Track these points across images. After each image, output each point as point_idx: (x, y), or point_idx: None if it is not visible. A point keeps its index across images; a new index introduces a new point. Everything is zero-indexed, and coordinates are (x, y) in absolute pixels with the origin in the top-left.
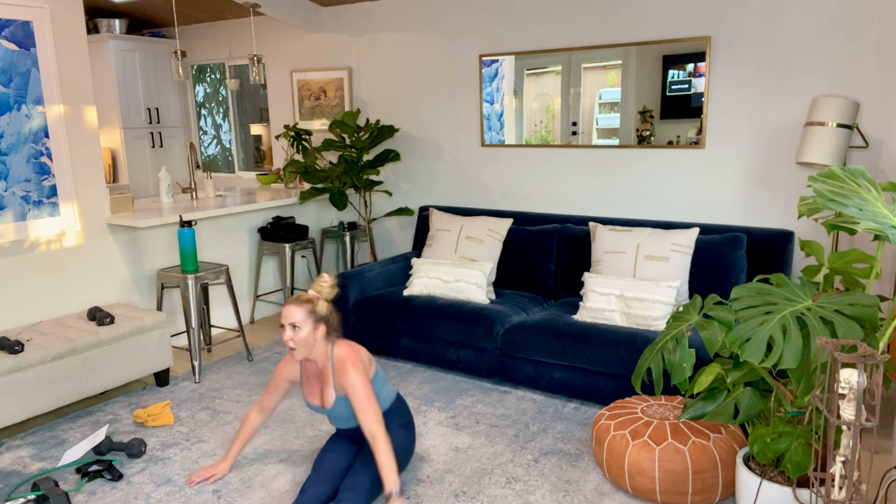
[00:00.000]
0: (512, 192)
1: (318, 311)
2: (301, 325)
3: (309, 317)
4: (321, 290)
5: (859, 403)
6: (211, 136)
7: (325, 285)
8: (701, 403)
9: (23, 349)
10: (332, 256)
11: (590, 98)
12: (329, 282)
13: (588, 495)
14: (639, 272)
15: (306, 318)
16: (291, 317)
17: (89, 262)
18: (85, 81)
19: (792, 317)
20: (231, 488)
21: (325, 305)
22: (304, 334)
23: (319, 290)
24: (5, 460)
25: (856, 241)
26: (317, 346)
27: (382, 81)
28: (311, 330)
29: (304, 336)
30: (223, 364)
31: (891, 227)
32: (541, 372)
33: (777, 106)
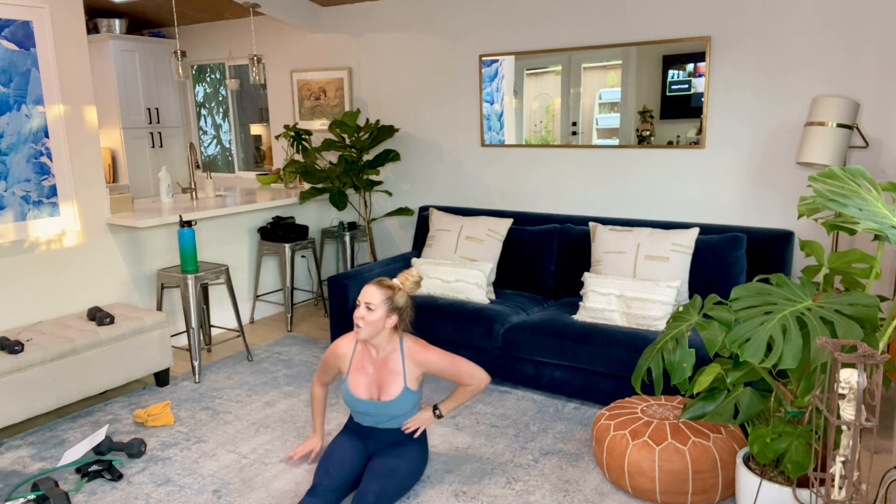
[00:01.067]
0: (512, 192)
1: (395, 300)
2: (376, 307)
3: (385, 302)
4: (405, 282)
5: (859, 403)
6: (211, 136)
7: (411, 279)
8: (701, 403)
9: (23, 349)
10: (332, 256)
11: (590, 98)
12: (415, 277)
13: (588, 495)
14: (639, 272)
15: (383, 303)
16: (369, 296)
17: (89, 262)
18: (85, 81)
19: (792, 317)
20: (231, 488)
21: (404, 298)
22: (376, 317)
23: (403, 281)
24: (5, 460)
25: (856, 241)
26: (383, 333)
27: (382, 81)
28: (384, 316)
29: (375, 319)
30: (223, 364)
31: (891, 227)
32: (541, 372)
33: (777, 106)
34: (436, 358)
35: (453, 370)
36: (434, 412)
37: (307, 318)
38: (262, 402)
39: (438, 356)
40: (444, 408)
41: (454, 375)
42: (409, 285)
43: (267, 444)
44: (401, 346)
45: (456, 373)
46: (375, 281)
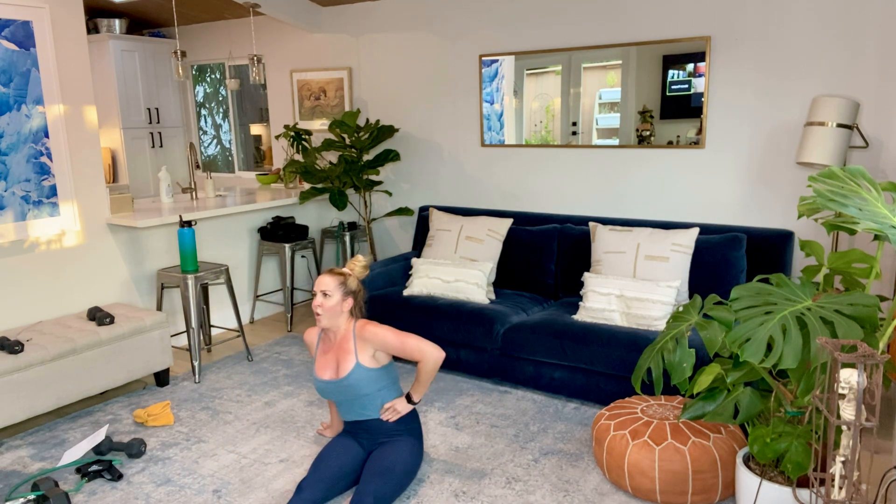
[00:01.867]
0: (512, 192)
1: (348, 285)
2: (331, 293)
3: (339, 287)
4: (353, 268)
5: (859, 403)
6: (211, 136)
7: (358, 265)
8: (701, 403)
9: (23, 349)
10: (332, 256)
11: (590, 98)
12: (362, 262)
13: (588, 495)
14: (639, 272)
15: (337, 288)
16: (323, 285)
17: (89, 262)
18: (85, 81)
19: (792, 317)
20: (231, 488)
21: (355, 282)
22: (332, 303)
23: (352, 267)
24: (5, 460)
25: (856, 241)
26: (341, 317)
27: (382, 81)
28: (340, 300)
29: (332, 305)
30: (223, 364)
31: (891, 227)
32: (541, 372)
33: (777, 106)
34: (381, 332)
35: (399, 345)
36: (408, 399)
37: (307, 318)
38: (262, 402)
39: (384, 331)
40: (414, 392)
41: (401, 350)
42: (358, 270)
43: (267, 444)
44: (353, 329)
45: (402, 347)
46: (327, 270)
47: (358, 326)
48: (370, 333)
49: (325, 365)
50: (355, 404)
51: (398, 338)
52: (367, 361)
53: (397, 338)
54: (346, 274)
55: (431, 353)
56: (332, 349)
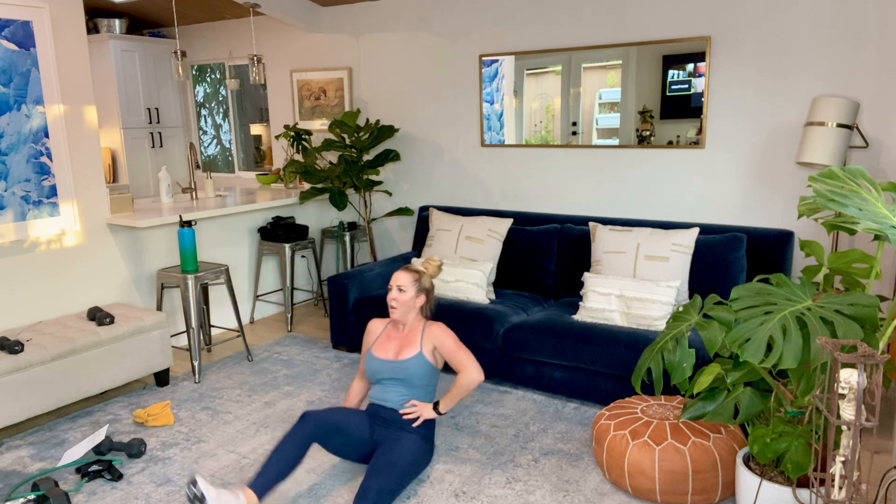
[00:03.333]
0: (512, 192)
1: (422, 282)
2: (406, 289)
3: (414, 284)
4: (428, 267)
5: (859, 403)
6: (211, 136)
7: (433, 265)
8: (701, 403)
9: (23, 349)
10: (332, 256)
11: (590, 98)
12: (437, 262)
13: (588, 495)
14: (639, 272)
15: (412, 284)
16: (399, 279)
17: (89, 262)
18: (85, 81)
19: (792, 317)
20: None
21: (429, 280)
22: (407, 298)
23: (427, 266)
24: (5, 460)
25: (856, 241)
26: (413, 312)
27: (382, 81)
28: (413, 296)
29: (406, 300)
30: (223, 364)
31: (891, 227)
32: (541, 372)
33: (777, 106)
34: (446, 333)
35: (453, 350)
36: (434, 408)
37: (307, 318)
38: (262, 402)
39: (447, 335)
40: (443, 403)
41: (452, 355)
42: (433, 269)
43: (267, 444)
44: (423, 327)
45: (454, 353)
46: (403, 267)
47: (428, 328)
48: (436, 332)
49: (385, 347)
50: (396, 387)
51: (456, 344)
52: (427, 355)
53: (455, 344)
54: (421, 272)
55: (472, 370)
56: (397, 337)
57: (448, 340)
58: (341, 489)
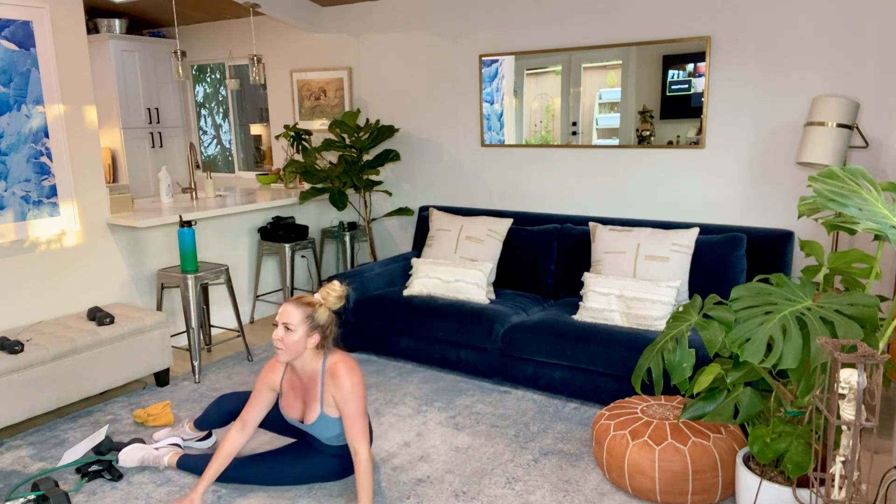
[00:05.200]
0: (512, 192)
1: (316, 318)
2: (295, 327)
3: (305, 321)
4: (326, 298)
5: (859, 403)
6: (211, 136)
7: (333, 294)
8: (701, 403)
9: (23, 349)
10: (332, 256)
11: (590, 98)
12: (338, 291)
13: (588, 495)
14: (639, 272)
15: (302, 322)
16: (287, 316)
17: (89, 262)
18: (85, 81)
19: (792, 317)
20: (231, 488)
21: (326, 314)
22: (295, 338)
23: (325, 296)
24: (5, 460)
25: (856, 241)
26: (305, 354)
27: (382, 81)
28: (304, 336)
29: (295, 340)
30: (223, 364)
31: (891, 227)
32: (541, 372)
33: (777, 106)
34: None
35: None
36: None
37: None
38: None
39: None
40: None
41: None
42: (332, 300)
43: (267, 444)
44: (322, 367)
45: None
46: (294, 299)
47: (329, 364)
48: (338, 382)
49: (292, 404)
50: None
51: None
52: (331, 410)
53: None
54: (316, 304)
55: (363, 454)
56: (298, 386)
57: (349, 403)
58: (341, 489)
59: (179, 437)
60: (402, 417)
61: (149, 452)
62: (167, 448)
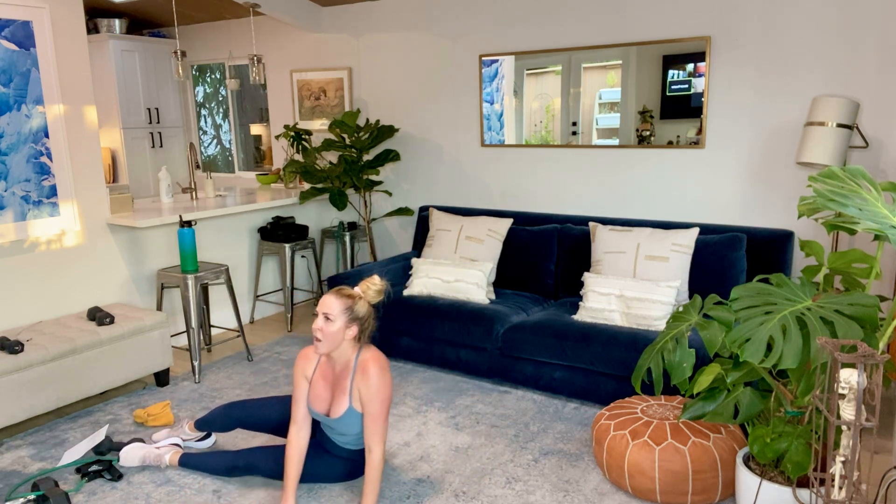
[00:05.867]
0: (512, 192)
1: (355, 311)
2: (335, 318)
3: (345, 312)
4: (366, 291)
5: (859, 403)
6: (211, 136)
7: (373, 288)
8: (701, 403)
9: (23, 349)
10: (332, 256)
11: (590, 98)
12: (378, 285)
13: (588, 495)
14: (639, 272)
15: (342, 313)
16: (327, 307)
17: (89, 262)
18: (85, 81)
19: (792, 317)
20: (231, 488)
21: (365, 307)
22: (334, 329)
23: (365, 289)
24: (5, 460)
25: (856, 241)
26: (343, 345)
27: (382, 81)
28: (343, 327)
29: (334, 331)
30: (223, 364)
31: (891, 227)
32: (541, 372)
33: (777, 106)
34: (371, 385)
35: (369, 412)
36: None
37: (307, 318)
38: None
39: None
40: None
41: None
42: (371, 294)
43: (266, 444)
44: (355, 360)
45: (367, 416)
46: (334, 290)
47: (362, 359)
48: (367, 379)
49: (320, 396)
50: (352, 440)
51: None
52: (359, 405)
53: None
54: (356, 297)
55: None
56: (329, 377)
57: (374, 401)
58: (342, 489)
59: (179, 438)
60: (402, 417)
61: (150, 451)
62: (168, 447)
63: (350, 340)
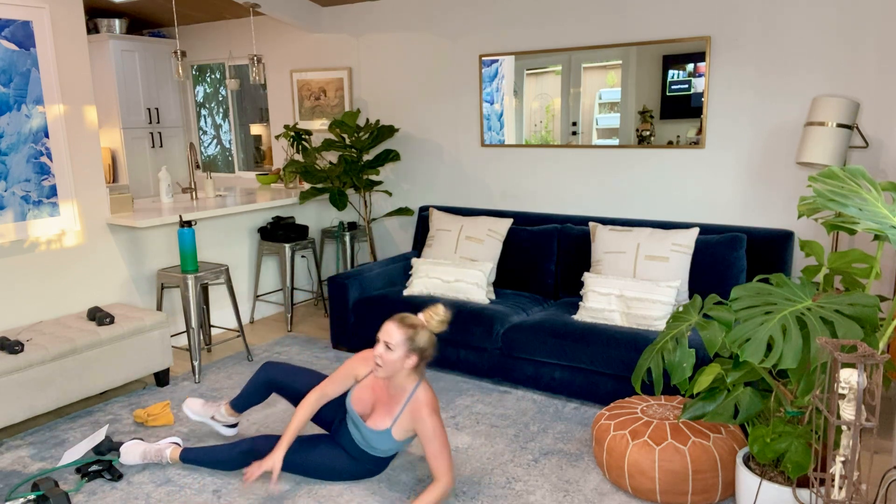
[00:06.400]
0: (512, 192)
1: (416, 341)
2: (395, 347)
3: (406, 343)
4: (430, 321)
5: (859, 403)
6: (211, 136)
7: (436, 318)
8: (701, 403)
9: (23, 349)
10: (332, 256)
11: (590, 98)
12: (441, 316)
13: (588, 495)
14: (639, 272)
15: (402, 343)
16: (389, 335)
17: (89, 262)
18: (85, 81)
19: (792, 317)
20: (231, 488)
21: (426, 337)
22: (394, 357)
23: (428, 318)
24: (5, 460)
25: (856, 241)
26: (401, 374)
27: (382, 81)
28: (403, 356)
29: (394, 359)
30: (223, 364)
31: (891, 227)
32: (541, 372)
33: (777, 106)
34: (427, 429)
35: (431, 451)
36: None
37: (307, 319)
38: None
39: (431, 429)
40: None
41: (430, 460)
42: (434, 324)
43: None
44: (411, 393)
45: (430, 455)
46: (397, 318)
47: (416, 397)
48: (419, 416)
49: (362, 399)
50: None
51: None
52: (398, 434)
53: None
54: (419, 326)
55: (447, 483)
56: (379, 392)
57: (433, 443)
58: (342, 489)
59: (206, 418)
60: None
61: (149, 447)
62: (167, 444)
63: (408, 370)
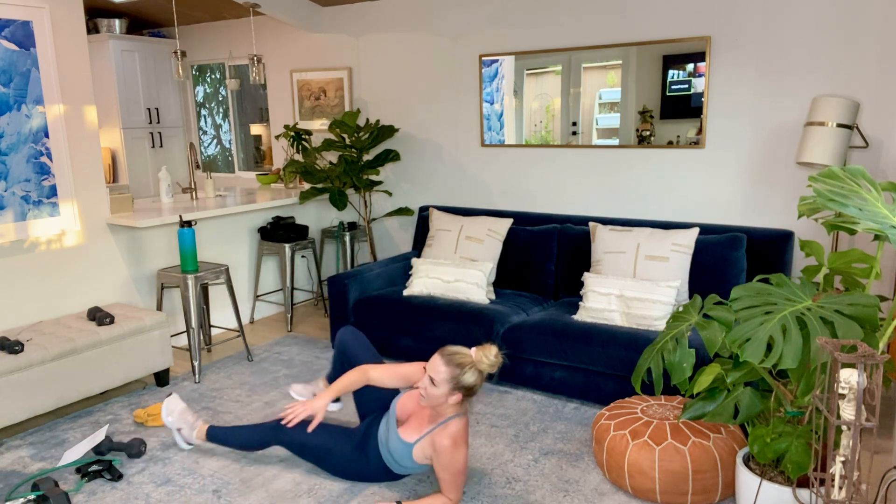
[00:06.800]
0: (512, 192)
1: (462, 381)
2: (439, 384)
3: (450, 381)
4: (480, 360)
5: (859, 403)
6: (211, 136)
7: (486, 361)
8: (701, 403)
9: (23, 349)
10: (332, 256)
11: (590, 98)
12: (492, 359)
13: (588, 495)
14: (639, 272)
15: (447, 381)
16: (436, 371)
17: (89, 262)
18: (85, 81)
19: (792, 317)
20: (231, 488)
21: (474, 376)
22: (437, 393)
23: (479, 358)
24: (5, 460)
25: (856, 241)
26: (444, 406)
27: (382, 81)
28: (447, 393)
29: (437, 394)
30: (223, 364)
31: (891, 227)
32: (541, 372)
33: (777, 106)
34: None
35: (442, 480)
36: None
37: (307, 318)
38: (262, 402)
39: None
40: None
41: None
42: (485, 364)
43: None
44: (444, 420)
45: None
46: (447, 354)
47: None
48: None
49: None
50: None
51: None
52: (418, 454)
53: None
54: (467, 365)
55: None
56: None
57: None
58: (342, 489)
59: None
60: None
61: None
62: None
63: (451, 404)
